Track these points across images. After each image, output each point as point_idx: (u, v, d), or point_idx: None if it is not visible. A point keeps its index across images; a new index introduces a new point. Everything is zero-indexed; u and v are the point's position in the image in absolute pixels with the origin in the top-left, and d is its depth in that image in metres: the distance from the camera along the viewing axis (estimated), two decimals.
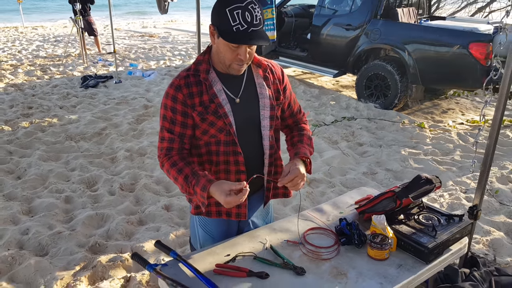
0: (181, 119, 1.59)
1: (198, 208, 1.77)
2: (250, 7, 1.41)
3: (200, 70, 1.58)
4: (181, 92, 1.56)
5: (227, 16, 1.40)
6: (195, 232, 1.90)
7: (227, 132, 1.61)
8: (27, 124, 5.36)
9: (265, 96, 1.67)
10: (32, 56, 9.96)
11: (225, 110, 1.59)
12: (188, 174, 1.56)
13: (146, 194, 3.71)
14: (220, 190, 1.48)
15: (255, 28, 1.43)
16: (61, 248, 2.92)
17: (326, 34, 6.68)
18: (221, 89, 1.60)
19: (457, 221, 1.76)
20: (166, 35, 14.61)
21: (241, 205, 1.74)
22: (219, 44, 1.50)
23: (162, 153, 1.64)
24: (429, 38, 5.45)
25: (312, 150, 1.80)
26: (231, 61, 1.52)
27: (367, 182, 3.94)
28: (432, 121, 5.80)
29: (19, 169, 4.14)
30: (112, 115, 5.86)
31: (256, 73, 1.68)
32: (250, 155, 1.69)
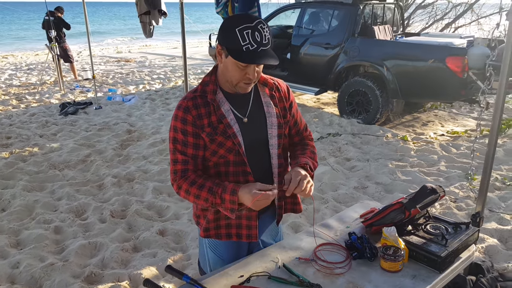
0: (193, 141, 1.58)
1: (207, 231, 1.74)
2: (260, 27, 1.43)
3: (207, 91, 1.58)
4: (190, 113, 1.56)
5: (236, 36, 1.41)
6: (204, 255, 1.87)
7: (236, 152, 1.61)
8: (7, 154, 5.19)
9: (272, 114, 1.67)
10: (5, 85, 9.73)
11: (234, 130, 1.59)
12: (212, 186, 1.54)
13: (138, 220, 3.63)
14: (250, 190, 1.48)
15: (264, 47, 1.45)
16: (55, 280, 2.80)
17: (306, 53, 6.83)
18: (229, 109, 1.60)
19: (464, 229, 1.80)
20: (142, 59, 14.60)
21: (252, 226, 1.73)
22: (227, 63, 1.51)
23: (177, 176, 1.60)
24: (407, 53, 5.66)
25: (315, 163, 1.79)
26: (239, 80, 1.53)
27: (359, 196, 3.99)
28: (414, 133, 5.96)
29: (3, 201, 3.98)
30: (95, 141, 5.76)
31: (262, 92, 1.70)
32: (259, 175, 1.68)
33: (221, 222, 1.73)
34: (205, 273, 1.90)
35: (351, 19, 6.21)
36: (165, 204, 3.89)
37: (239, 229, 1.73)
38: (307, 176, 1.61)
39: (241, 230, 1.73)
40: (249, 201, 1.48)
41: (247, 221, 1.72)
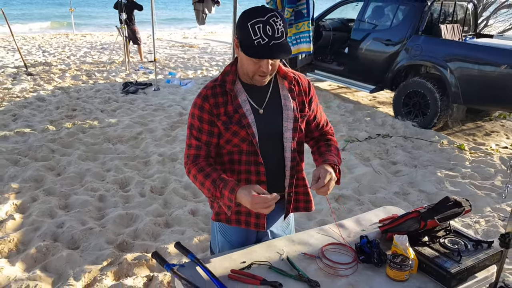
0: (208, 128, 1.63)
1: (218, 215, 1.80)
2: (272, 21, 1.43)
3: (226, 80, 1.62)
4: (208, 102, 1.60)
5: (248, 30, 1.43)
6: (215, 237, 1.93)
7: (249, 142, 1.64)
8: (70, 125, 5.64)
9: (289, 108, 1.68)
10: (80, 61, 10.49)
11: (249, 121, 1.61)
12: (216, 178, 1.58)
13: (174, 198, 3.79)
14: (249, 191, 1.49)
15: (277, 41, 1.45)
16: (92, 243, 3.03)
17: (365, 49, 6.61)
18: (246, 99, 1.63)
19: (485, 247, 1.68)
20: (205, 46, 14.97)
21: (260, 216, 1.75)
22: (242, 57, 1.54)
23: (189, 160, 1.67)
24: (475, 56, 5.25)
25: (340, 160, 1.78)
26: (254, 73, 1.55)
27: (398, 202, 3.83)
28: (474, 143, 5.57)
29: (60, 167, 4.35)
30: (149, 120, 6.05)
31: (281, 85, 1.70)
32: (272, 166, 1.70)
33: (234, 208, 1.75)
34: (213, 253, 1.98)
35: (416, 16, 5.88)
36: None
37: (248, 217, 1.77)
38: (335, 178, 1.64)
39: (250, 218, 1.76)
40: (247, 202, 1.49)
41: None
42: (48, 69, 9.21)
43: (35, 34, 17.20)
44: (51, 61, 10.31)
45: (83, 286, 2.60)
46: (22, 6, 33.78)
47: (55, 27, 21.39)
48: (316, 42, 7.73)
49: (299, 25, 5.66)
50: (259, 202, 1.47)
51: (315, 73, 7.76)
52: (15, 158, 4.45)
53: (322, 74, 7.61)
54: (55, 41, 14.38)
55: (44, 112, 6.16)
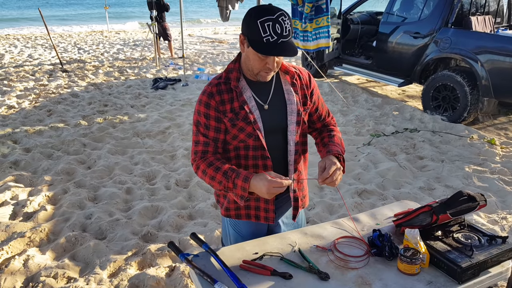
0: (215, 124, 1.67)
1: (228, 210, 1.85)
2: (281, 19, 1.47)
3: (231, 78, 1.65)
4: (214, 99, 1.64)
5: (258, 28, 1.46)
6: (226, 232, 1.98)
7: (255, 137, 1.67)
8: (101, 120, 5.86)
9: (292, 102, 1.71)
10: (113, 58, 10.83)
11: (255, 117, 1.65)
12: (227, 170, 1.61)
13: (198, 191, 3.89)
14: (265, 177, 1.52)
15: (285, 39, 1.49)
16: (118, 234, 3.17)
17: (393, 42, 6.48)
18: (251, 96, 1.67)
19: (499, 242, 1.65)
20: (235, 41, 15.08)
21: (269, 210, 1.79)
22: (249, 53, 1.57)
23: (197, 156, 1.70)
24: (506, 48, 5.06)
25: (343, 149, 1.79)
26: (259, 69, 1.59)
27: (422, 197, 3.77)
28: (505, 137, 5.37)
29: (90, 160, 4.55)
30: (177, 115, 6.20)
31: (284, 80, 1.74)
32: (277, 160, 1.75)
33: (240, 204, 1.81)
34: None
35: (446, 8, 5.70)
36: None
37: (258, 211, 1.82)
38: (340, 168, 1.65)
39: (259, 212, 1.81)
40: (264, 187, 1.52)
41: (264, 204, 1.79)
42: (82, 66, 9.57)
43: (71, 32, 17.87)
44: (85, 58, 10.71)
45: (108, 275, 2.73)
46: (60, 8, 35.12)
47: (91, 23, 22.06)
48: (344, 35, 7.65)
49: (319, 20, 5.63)
50: (275, 186, 1.51)
51: (342, 67, 7.68)
52: (49, 152, 4.69)
53: (350, 68, 7.52)
54: (90, 39, 14.89)
55: (77, 108, 6.43)
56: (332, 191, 3.92)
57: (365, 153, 4.77)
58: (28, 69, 9.14)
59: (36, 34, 16.13)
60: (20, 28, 20.13)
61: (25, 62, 10.06)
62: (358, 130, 5.54)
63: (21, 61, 10.13)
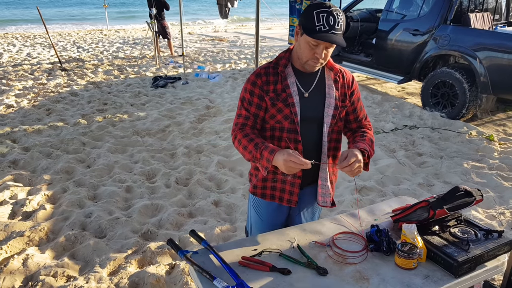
0: (257, 101, 1.80)
1: (256, 188, 1.95)
2: (335, 13, 1.61)
3: (279, 63, 1.80)
4: (260, 79, 1.79)
5: (313, 17, 1.60)
6: (249, 214, 2.09)
7: (291, 121, 1.78)
8: (101, 118, 5.87)
9: (331, 96, 1.81)
10: (112, 57, 10.83)
11: (294, 100, 1.77)
12: (259, 142, 1.73)
13: (198, 189, 3.91)
14: (286, 151, 1.62)
15: (335, 32, 1.61)
16: (117, 232, 3.19)
17: (392, 39, 6.49)
18: (294, 82, 1.79)
19: (495, 237, 1.67)
20: (235, 39, 15.07)
21: (293, 193, 1.88)
22: (301, 41, 1.69)
23: (237, 127, 1.83)
24: (504, 45, 5.06)
25: (372, 151, 1.86)
26: (308, 58, 1.70)
27: (421, 194, 3.78)
28: (504, 134, 5.38)
29: (90, 159, 4.56)
30: (177, 114, 6.21)
31: (328, 75, 1.84)
32: (310, 147, 1.83)
33: (268, 184, 1.92)
34: (247, 230, 2.18)
35: (445, 5, 5.71)
36: (225, 178, 4.12)
37: (282, 193, 1.91)
38: (360, 160, 1.70)
39: (284, 194, 1.90)
40: (282, 159, 1.60)
41: (290, 187, 1.88)
42: (81, 65, 9.57)
43: (70, 30, 17.85)
44: (84, 56, 10.70)
45: (108, 273, 2.74)
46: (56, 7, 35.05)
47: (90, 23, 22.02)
48: (344, 33, 7.63)
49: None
50: (293, 159, 1.59)
51: (342, 64, 7.68)
52: (48, 151, 4.70)
53: (349, 65, 7.52)
54: (90, 37, 14.88)
55: (77, 107, 6.44)
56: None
57: None
58: (27, 68, 9.14)
59: (35, 33, 16.12)
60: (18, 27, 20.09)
61: (24, 61, 10.06)
62: None
63: (19, 60, 10.13)
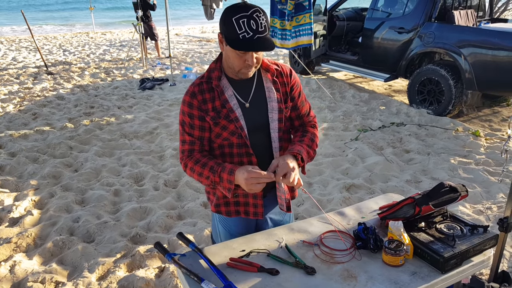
0: (199, 123, 1.68)
1: (218, 207, 1.86)
2: (255, 15, 1.48)
3: (212, 77, 1.66)
4: (196, 98, 1.65)
5: (233, 25, 1.47)
6: (216, 229, 2.00)
7: (238, 135, 1.69)
8: (88, 122, 5.81)
9: (273, 99, 1.72)
10: (99, 59, 10.73)
11: (236, 115, 1.66)
12: (213, 165, 1.64)
13: (187, 191, 3.89)
14: (246, 168, 1.55)
15: (260, 35, 1.49)
16: (106, 236, 3.15)
17: (378, 38, 6.54)
18: (232, 94, 1.68)
19: (481, 232, 1.68)
20: None
21: (258, 205, 1.81)
22: (228, 51, 1.57)
23: (184, 155, 1.73)
24: (488, 41, 5.13)
25: (311, 151, 1.77)
26: (240, 67, 1.59)
27: (409, 190, 3.81)
28: (490, 129, 5.45)
29: (77, 163, 4.51)
30: (164, 115, 6.17)
31: (265, 78, 1.74)
32: (262, 157, 1.75)
33: (230, 200, 1.83)
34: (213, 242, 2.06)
35: (429, 2, 5.77)
36: None
37: (247, 207, 1.83)
38: (294, 168, 1.61)
39: (248, 207, 1.83)
40: (242, 176, 1.55)
41: (253, 200, 1.81)
42: (68, 68, 9.47)
43: (56, 34, 17.64)
44: (71, 60, 10.59)
45: (97, 278, 2.72)
46: (41, 7, 34.59)
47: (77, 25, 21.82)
48: (330, 32, 7.68)
49: (299, 18, 5.66)
50: (254, 176, 1.53)
51: (330, 63, 7.72)
52: (35, 156, 4.63)
53: (337, 64, 7.56)
54: (76, 40, 14.73)
55: (63, 110, 6.36)
56: (321, 187, 3.95)
57: (353, 148, 4.80)
58: (12, 73, 9.01)
59: (20, 37, 15.89)
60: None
61: (9, 65, 9.92)
62: (345, 125, 5.57)
63: (5, 65, 9.98)
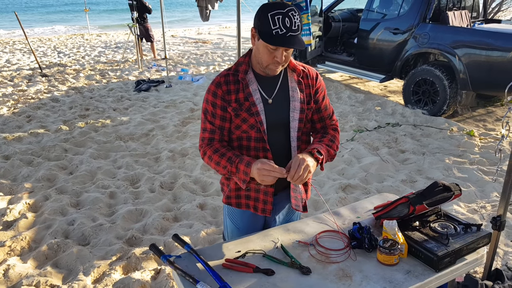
0: (221, 113, 1.73)
1: (229, 198, 1.90)
2: (290, 14, 1.53)
3: (239, 70, 1.72)
4: (221, 88, 1.70)
5: (268, 20, 1.52)
6: (225, 223, 2.06)
7: (257, 130, 1.73)
8: (83, 124, 5.79)
9: (296, 99, 1.76)
10: (94, 61, 10.70)
11: (258, 109, 1.70)
12: (231, 156, 1.68)
13: (183, 192, 3.88)
14: (260, 161, 1.59)
15: (293, 33, 1.54)
16: (101, 239, 3.14)
17: (373, 39, 6.56)
18: (256, 89, 1.72)
19: (474, 230, 1.69)
20: (218, 41, 15.04)
21: (267, 202, 1.83)
22: (259, 46, 1.61)
23: (204, 143, 1.77)
24: (481, 42, 5.17)
25: (331, 150, 1.79)
26: (268, 62, 1.63)
27: (405, 190, 3.83)
28: (484, 129, 5.49)
29: (72, 165, 4.49)
30: (160, 117, 6.16)
31: (290, 77, 1.78)
32: (279, 154, 1.78)
33: (241, 193, 1.87)
34: (224, 239, 2.11)
35: (423, 4, 5.80)
36: (210, 180, 4.10)
37: (257, 202, 1.86)
38: (308, 166, 1.61)
39: (258, 203, 1.85)
40: (255, 169, 1.58)
41: (264, 196, 1.83)
42: (62, 70, 9.43)
43: (51, 36, 17.58)
44: (65, 62, 10.55)
45: (93, 281, 2.70)
46: (40, 9, 34.48)
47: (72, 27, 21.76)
48: (326, 33, 7.70)
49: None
50: (266, 168, 1.56)
51: (326, 64, 7.74)
52: (29, 159, 4.61)
53: (332, 65, 7.58)
54: (71, 42, 14.67)
55: (58, 113, 6.34)
56: (317, 187, 3.96)
57: (349, 149, 4.82)
58: (6, 75, 8.97)
59: (14, 39, 15.82)
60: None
61: (3, 67, 9.87)
62: (341, 126, 5.59)
63: None
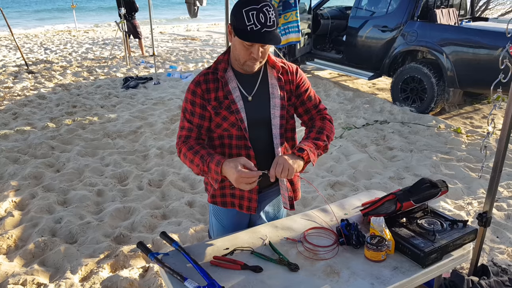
0: (200, 111, 1.72)
1: (214, 197, 1.88)
2: (265, 9, 1.52)
3: (219, 68, 1.71)
4: (200, 87, 1.70)
5: (242, 16, 1.51)
6: (211, 222, 2.05)
7: (238, 127, 1.72)
8: (70, 121, 5.71)
9: (276, 96, 1.75)
10: (81, 58, 10.56)
11: (238, 107, 1.70)
12: (204, 154, 1.66)
13: (172, 190, 3.86)
14: (235, 164, 1.54)
15: (268, 29, 1.53)
16: (89, 237, 3.11)
17: (362, 36, 6.59)
18: (236, 87, 1.71)
19: (460, 226, 1.71)
20: (207, 38, 14.97)
21: (252, 199, 1.82)
22: (235, 43, 1.61)
23: (180, 140, 1.76)
24: (469, 40, 5.22)
25: (319, 142, 1.74)
26: (245, 59, 1.62)
27: (392, 187, 3.86)
28: (471, 126, 5.56)
29: (59, 163, 4.43)
30: (148, 114, 6.11)
31: (270, 74, 1.77)
32: (261, 152, 1.78)
33: (226, 191, 1.85)
34: (210, 237, 2.09)
35: (412, 1, 5.84)
36: (198, 178, 4.08)
37: (241, 200, 1.85)
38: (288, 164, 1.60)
39: (243, 201, 1.84)
40: (233, 175, 1.55)
41: (249, 194, 1.82)
42: (49, 67, 9.29)
43: (37, 32, 17.31)
44: (52, 58, 10.40)
45: (80, 279, 2.68)
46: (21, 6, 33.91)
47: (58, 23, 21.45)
48: (315, 30, 7.71)
49: (287, 15, 5.69)
50: (244, 177, 1.53)
51: (314, 62, 7.75)
52: (15, 156, 4.54)
53: (321, 62, 7.60)
54: (57, 38, 14.46)
55: (45, 110, 6.24)
56: (306, 184, 3.97)
57: (337, 146, 4.84)
58: None
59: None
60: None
61: None
62: None
63: None
